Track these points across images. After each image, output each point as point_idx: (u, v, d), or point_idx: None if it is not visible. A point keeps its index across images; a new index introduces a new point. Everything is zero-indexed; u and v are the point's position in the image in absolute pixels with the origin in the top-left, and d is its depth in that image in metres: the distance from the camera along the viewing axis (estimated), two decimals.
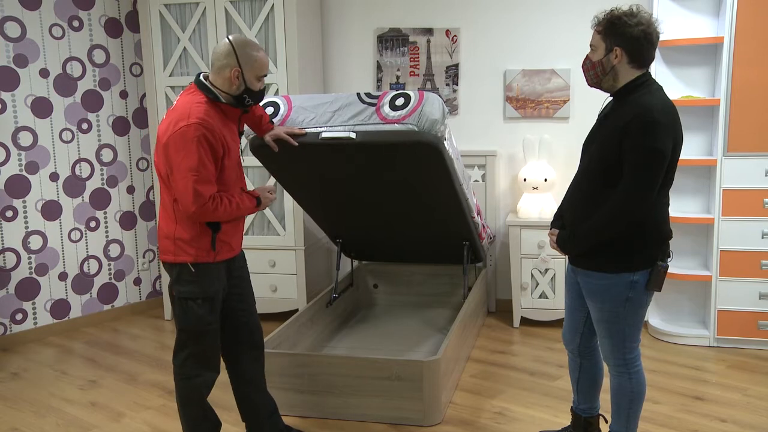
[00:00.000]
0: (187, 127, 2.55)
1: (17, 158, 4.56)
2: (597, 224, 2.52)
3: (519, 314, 4.73)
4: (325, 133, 3.29)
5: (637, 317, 2.62)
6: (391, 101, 3.29)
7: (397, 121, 3.23)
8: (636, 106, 2.43)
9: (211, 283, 2.73)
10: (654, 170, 2.42)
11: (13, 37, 4.48)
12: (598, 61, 2.53)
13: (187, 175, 2.55)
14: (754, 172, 4.08)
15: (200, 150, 2.56)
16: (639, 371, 2.69)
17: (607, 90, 2.59)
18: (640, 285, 2.55)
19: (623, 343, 2.64)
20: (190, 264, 2.68)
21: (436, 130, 3.27)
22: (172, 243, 2.69)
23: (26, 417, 3.57)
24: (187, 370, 2.81)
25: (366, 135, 3.29)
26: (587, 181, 2.61)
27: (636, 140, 2.39)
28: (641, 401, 2.73)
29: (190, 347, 2.78)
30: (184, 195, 2.57)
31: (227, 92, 2.70)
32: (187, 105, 2.63)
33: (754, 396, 3.59)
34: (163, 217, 2.74)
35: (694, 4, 4.29)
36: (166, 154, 2.61)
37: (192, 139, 2.54)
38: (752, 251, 4.13)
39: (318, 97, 3.45)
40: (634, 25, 2.44)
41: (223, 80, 2.69)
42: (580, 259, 2.66)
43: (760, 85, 4.02)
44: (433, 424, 3.34)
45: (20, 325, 4.66)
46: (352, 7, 5.14)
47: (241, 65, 2.67)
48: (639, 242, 2.53)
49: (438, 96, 3.32)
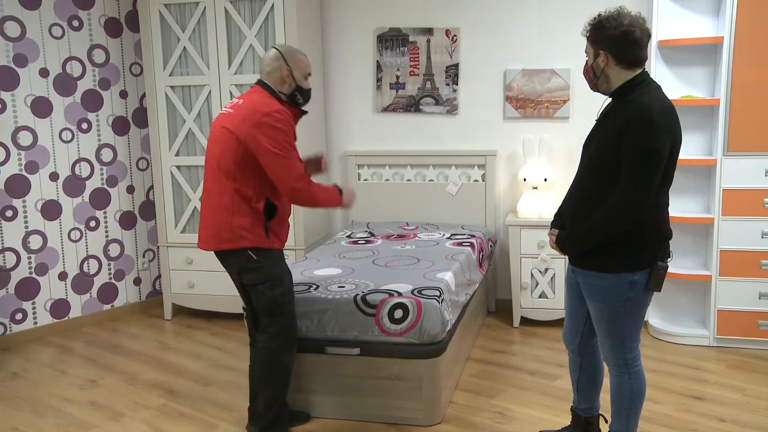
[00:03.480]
0: (274, 113, 2.85)
1: (17, 158, 4.56)
2: (596, 224, 2.54)
3: (519, 314, 4.74)
4: (331, 348, 3.40)
5: (637, 317, 2.63)
6: (389, 314, 3.30)
7: (399, 335, 3.30)
8: (635, 107, 2.46)
9: (276, 265, 3.01)
10: (651, 170, 2.44)
11: (12, 36, 4.48)
12: (590, 66, 2.61)
13: (286, 152, 2.85)
14: (754, 172, 4.09)
15: (289, 132, 2.88)
16: (639, 371, 2.69)
17: (604, 92, 2.63)
18: (639, 285, 2.56)
19: (623, 343, 2.65)
20: (249, 251, 2.92)
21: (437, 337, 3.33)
22: (230, 230, 2.90)
23: (26, 417, 3.57)
24: (273, 346, 3.05)
25: (369, 347, 3.37)
26: (586, 181, 2.62)
27: (633, 140, 2.42)
28: (641, 401, 2.73)
29: (275, 326, 3.04)
30: (285, 171, 2.86)
31: (282, 92, 2.99)
32: (262, 99, 2.92)
33: (754, 396, 3.60)
34: (218, 209, 2.93)
35: (693, 4, 4.30)
36: (252, 138, 2.82)
37: (282, 123, 2.86)
38: (752, 251, 4.14)
39: (315, 301, 3.42)
40: (613, 27, 2.50)
41: (276, 81, 2.98)
42: (580, 259, 2.67)
43: (760, 85, 4.03)
44: (432, 424, 3.35)
45: (20, 325, 4.66)
46: (351, 7, 5.15)
47: (289, 65, 2.98)
48: (639, 242, 2.54)
49: (436, 303, 3.29)
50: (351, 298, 3.36)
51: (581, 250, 2.63)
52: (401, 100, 5.13)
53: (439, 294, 3.36)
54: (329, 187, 3.09)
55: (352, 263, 3.97)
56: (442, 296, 3.36)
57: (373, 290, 3.41)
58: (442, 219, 5.08)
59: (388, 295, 3.35)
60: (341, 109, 5.30)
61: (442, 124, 5.10)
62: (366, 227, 4.99)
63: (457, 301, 3.68)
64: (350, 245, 4.44)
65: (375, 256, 4.12)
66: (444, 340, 3.36)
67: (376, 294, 3.37)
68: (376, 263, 3.96)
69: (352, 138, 5.31)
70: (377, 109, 5.19)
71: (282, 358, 3.10)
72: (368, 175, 5.20)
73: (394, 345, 3.31)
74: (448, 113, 5.06)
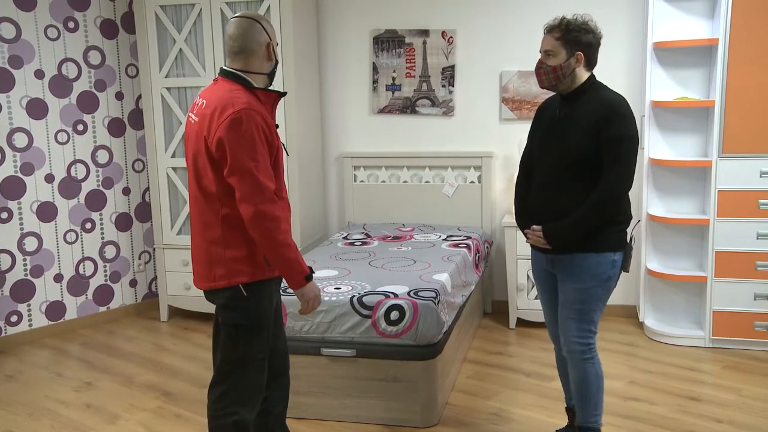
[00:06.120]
0: (236, 113, 2.31)
1: (12, 159, 4.57)
2: (592, 209, 2.70)
3: (515, 315, 4.76)
4: (326, 349, 3.40)
5: (606, 299, 2.83)
6: (385, 315, 3.31)
7: (395, 336, 3.31)
8: (602, 102, 2.70)
9: (264, 306, 2.49)
10: (634, 154, 2.70)
11: (8, 38, 4.49)
12: (558, 65, 2.73)
13: (247, 165, 2.29)
14: (749, 173, 4.12)
15: (257, 137, 2.32)
16: (598, 357, 2.86)
17: (563, 91, 2.79)
18: (617, 264, 2.78)
19: (589, 326, 2.81)
20: (242, 287, 2.42)
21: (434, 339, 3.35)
22: (225, 266, 2.41)
23: (21, 419, 3.57)
24: (221, 406, 2.51)
25: (365, 349, 3.38)
26: (560, 178, 2.76)
27: (614, 131, 2.64)
28: (603, 386, 2.88)
29: (232, 380, 2.50)
30: (246, 190, 2.30)
31: (261, 72, 2.48)
32: (225, 93, 2.38)
33: (749, 396, 3.62)
34: (207, 240, 2.45)
35: (689, 6, 4.33)
36: (222, 151, 2.32)
37: (246, 126, 2.30)
38: (747, 252, 4.16)
39: None
40: (589, 31, 2.72)
41: (261, 60, 2.46)
42: (565, 246, 2.78)
43: (754, 87, 4.05)
44: (429, 425, 3.35)
45: (15, 327, 4.67)
46: (347, 8, 5.17)
47: (271, 37, 2.48)
48: (616, 224, 2.76)
49: (432, 305, 3.31)
50: (347, 300, 3.38)
51: (575, 237, 2.75)
52: (397, 101, 5.15)
53: (435, 295, 3.38)
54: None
55: (349, 265, 3.98)
56: (438, 298, 3.38)
57: (370, 292, 3.43)
58: (438, 220, 5.10)
59: (385, 296, 3.37)
60: (337, 110, 5.32)
61: (439, 126, 5.12)
62: (362, 229, 5.01)
63: (453, 303, 3.69)
64: (347, 247, 4.45)
65: (371, 258, 4.14)
66: (440, 342, 3.38)
67: (373, 296, 3.39)
68: (372, 265, 3.98)
69: (348, 139, 5.32)
70: (373, 111, 5.21)
71: (231, 426, 2.51)
72: (364, 177, 5.22)
73: (391, 346, 3.32)
74: (444, 115, 5.09)
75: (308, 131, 5.02)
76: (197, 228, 2.48)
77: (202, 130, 2.37)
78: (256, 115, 2.33)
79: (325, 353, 3.39)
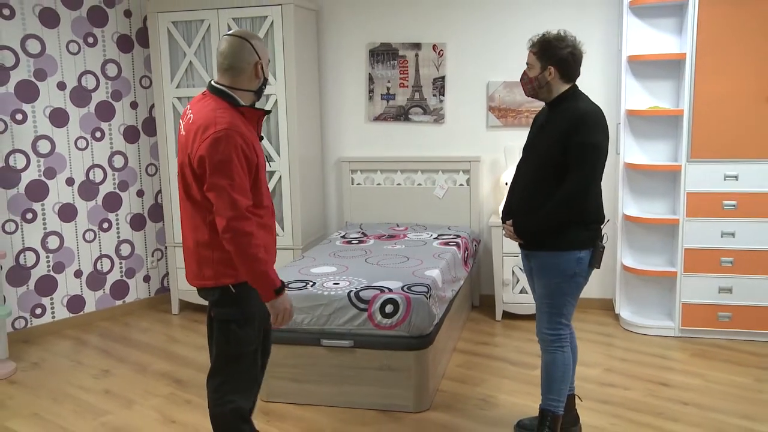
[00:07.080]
0: (217, 133, 2.30)
1: (36, 164, 4.68)
2: (551, 210, 2.81)
3: (501, 308, 4.85)
4: (326, 341, 3.47)
5: (576, 293, 2.93)
6: (381, 309, 3.38)
7: (390, 328, 3.38)
8: (574, 111, 2.78)
9: (253, 302, 2.47)
10: (598, 161, 2.79)
11: (33, 53, 4.62)
12: (535, 77, 2.86)
13: (222, 183, 2.30)
14: (715, 177, 4.23)
15: (234, 157, 2.31)
16: (567, 346, 2.98)
17: (542, 100, 2.93)
18: (584, 262, 2.87)
19: (560, 318, 2.93)
20: (231, 286, 2.44)
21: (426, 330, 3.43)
22: (212, 267, 2.43)
23: (45, 403, 3.69)
24: (219, 396, 2.54)
25: (361, 340, 3.45)
26: (536, 176, 2.88)
27: (579, 138, 2.74)
28: (569, 375, 3.00)
29: (227, 371, 2.53)
30: (221, 205, 2.31)
31: (248, 89, 2.47)
32: (210, 112, 2.37)
33: (713, 381, 3.75)
34: (196, 242, 2.46)
35: (659, 23, 4.43)
36: (203, 168, 2.34)
37: (225, 146, 2.30)
38: (713, 249, 4.29)
39: (312, 297, 3.50)
40: (563, 47, 2.80)
41: (249, 78, 2.45)
42: (535, 243, 2.94)
43: (719, 97, 4.16)
44: (421, 411, 3.44)
45: (39, 319, 4.77)
46: (345, 24, 5.23)
47: (260, 56, 2.45)
48: (582, 224, 2.85)
49: (424, 299, 3.36)
50: (345, 294, 3.45)
51: (537, 229, 2.89)
52: (392, 109, 5.23)
53: (427, 290, 3.46)
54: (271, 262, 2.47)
55: (346, 262, 4.05)
56: (429, 292, 3.46)
57: (366, 287, 3.51)
58: (429, 220, 5.16)
59: (380, 291, 3.45)
60: (336, 118, 5.38)
61: (430, 132, 5.20)
62: (359, 228, 5.07)
63: (443, 297, 3.76)
64: (344, 245, 4.51)
65: (367, 255, 4.21)
66: (432, 333, 3.45)
67: (369, 290, 3.46)
68: (368, 262, 4.05)
69: (346, 145, 5.40)
70: (369, 118, 5.29)
71: (231, 412, 2.54)
72: (361, 180, 5.30)
73: (386, 337, 3.39)
74: (435, 122, 5.17)
75: (309, 137, 5.08)
76: (187, 229, 2.49)
77: (188, 146, 2.39)
78: (236, 135, 2.32)
79: (324, 344, 3.46)
